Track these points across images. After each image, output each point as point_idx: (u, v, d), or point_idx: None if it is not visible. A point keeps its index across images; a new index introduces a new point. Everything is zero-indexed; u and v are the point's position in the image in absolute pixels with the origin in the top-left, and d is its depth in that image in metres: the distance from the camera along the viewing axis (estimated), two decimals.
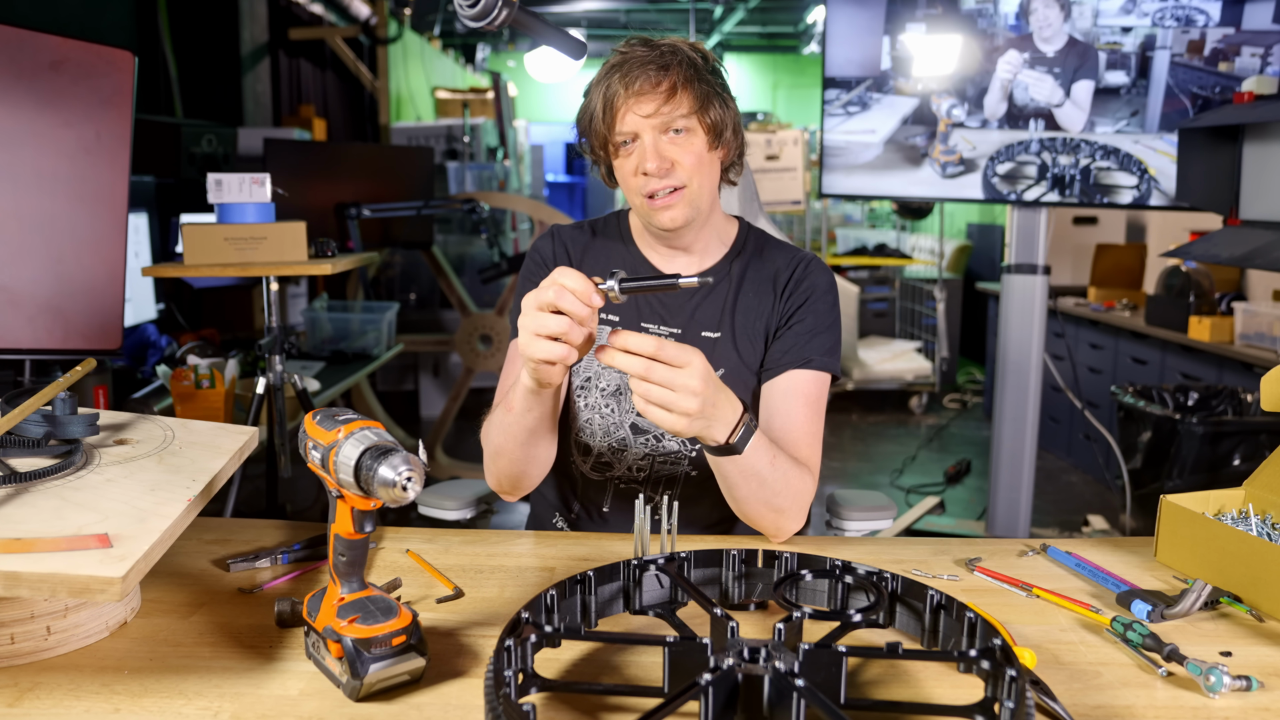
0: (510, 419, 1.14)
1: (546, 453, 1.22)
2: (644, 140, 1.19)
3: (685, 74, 1.19)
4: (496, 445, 1.20)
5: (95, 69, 1.21)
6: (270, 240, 2.04)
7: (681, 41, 1.22)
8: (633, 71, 1.18)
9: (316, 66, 5.67)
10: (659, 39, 1.22)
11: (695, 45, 1.23)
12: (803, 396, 1.24)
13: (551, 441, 1.22)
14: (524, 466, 1.21)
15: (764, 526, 1.18)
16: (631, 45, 1.21)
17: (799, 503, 1.17)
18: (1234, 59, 2.43)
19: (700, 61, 1.21)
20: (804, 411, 1.24)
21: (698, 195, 1.22)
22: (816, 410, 1.26)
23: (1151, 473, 3.20)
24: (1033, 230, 2.81)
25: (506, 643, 0.77)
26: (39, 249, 1.18)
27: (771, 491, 1.13)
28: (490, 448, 1.22)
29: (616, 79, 1.18)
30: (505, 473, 1.22)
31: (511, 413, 1.13)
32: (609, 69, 1.21)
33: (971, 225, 7.08)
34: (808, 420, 1.24)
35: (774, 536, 1.20)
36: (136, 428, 1.11)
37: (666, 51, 1.19)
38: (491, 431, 1.21)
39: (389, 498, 0.78)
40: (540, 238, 1.37)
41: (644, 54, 1.19)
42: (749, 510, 1.16)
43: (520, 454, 1.19)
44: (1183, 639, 0.94)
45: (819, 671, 0.77)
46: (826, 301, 1.30)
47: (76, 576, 0.77)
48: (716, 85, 1.22)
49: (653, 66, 1.18)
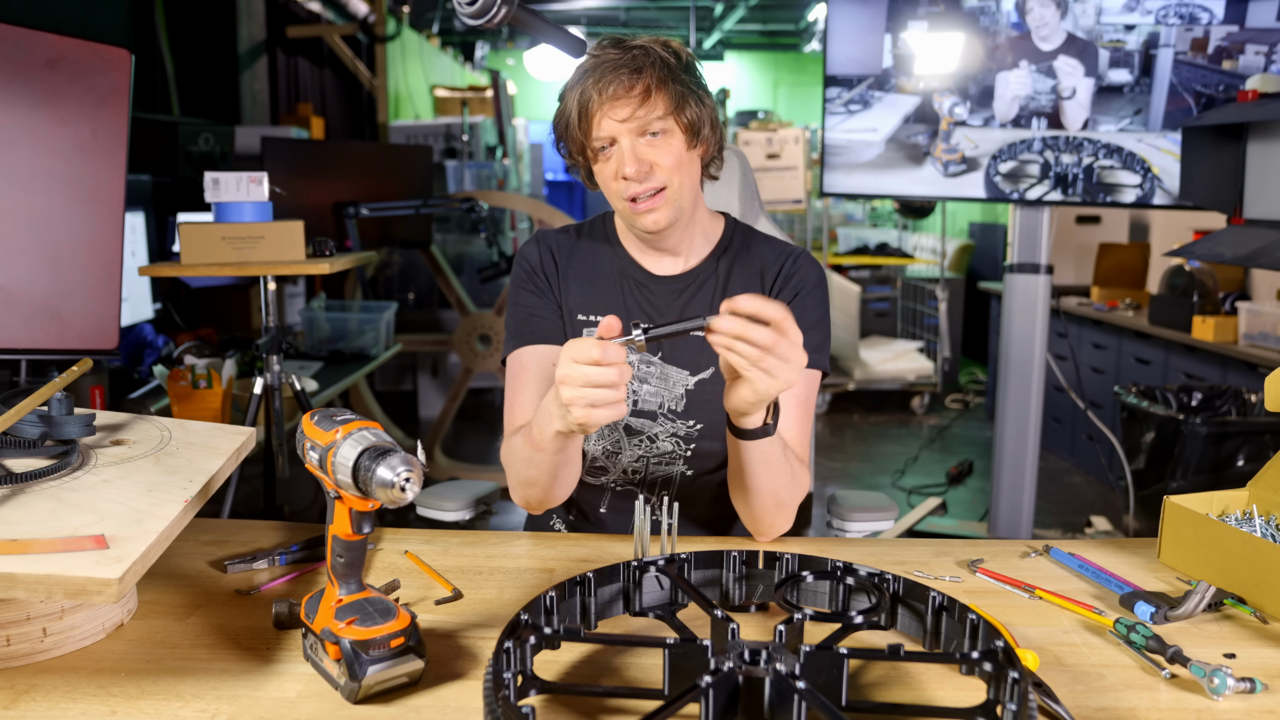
0: (540, 457, 1.12)
1: (575, 474, 1.21)
2: (621, 144, 1.18)
3: (659, 75, 1.17)
4: (525, 477, 1.18)
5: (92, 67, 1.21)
6: (268, 239, 2.03)
7: (653, 41, 1.21)
8: (605, 76, 1.16)
9: (314, 64, 5.66)
10: (630, 39, 1.21)
11: (668, 43, 1.21)
12: (794, 396, 1.24)
13: (579, 465, 1.20)
14: (554, 492, 1.20)
15: (764, 522, 1.18)
16: (604, 48, 1.19)
17: (796, 500, 1.18)
18: (1238, 57, 2.42)
19: (674, 61, 1.20)
20: (795, 412, 1.24)
21: (679, 195, 1.22)
22: (806, 410, 1.26)
23: (1155, 473, 3.19)
24: (1035, 229, 2.80)
25: (505, 644, 0.77)
26: (35, 248, 1.17)
27: (783, 484, 1.13)
28: (517, 476, 1.20)
29: (590, 84, 1.17)
30: (535, 498, 1.21)
31: (543, 452, 1.11)
32: (581, 73, 1.19)
33: (974, 224, 7.08)
34: (799, 421, 1.24)
35: (767, 534, 1.20)
36: (133, 428, 1.10)
37: (639, 54, 1.18)
38: (516, 464, 1.19)
39: (387, 499, 0.78)
40: (526, 244, 1.36)
41: (616, 57, 1.17)
42: (758, 502, 1.15)
43: (551, 484, 1.18)
44: (1186, 641, 0.94)
45: (820, 673, 0.77)
46: (815, 297, 1.30)
47: (73, 578, 0.76)
48: (691, 83, 1.21)
49: (625, 70, 1.16)
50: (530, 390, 1.25)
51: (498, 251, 3.53)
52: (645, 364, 1.30)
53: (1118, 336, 4.08)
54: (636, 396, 1.30)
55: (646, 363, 1.30)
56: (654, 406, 1.29)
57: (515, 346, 1.29)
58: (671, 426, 1.29)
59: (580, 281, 1.32)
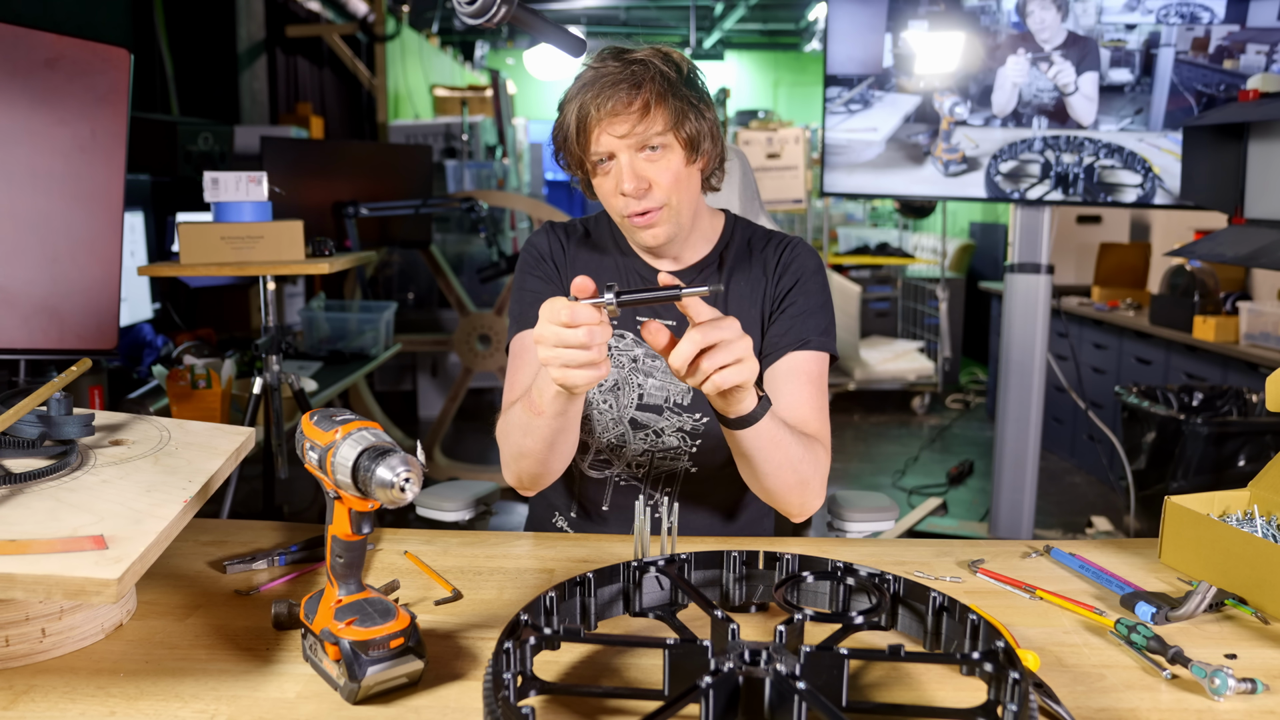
0: (539, 422, 1.11)
1: (571, 447, 1.20)
2: (620, 160, 1.18)
3: (658, 90, 1.16)
4: (520, 447, 1.17)
5: (91, 66, 1.21)
6: (267, 239, 2.03)
7: (653, 53, 1.19)
8: (604, 91, 1.15)
9: (314, 64, 5.66)
10: (631, 51, 1.19)
11: (668, 55, 1.20)
12: (805, 375, 1.24)
13: (576, 436, 1.20)
14: (549, 465, 1.19)
15: (790, 501, 1.18)
16: (603, 60, 1.18)
17: (820, 473, 1.17)
18: (1239, 56, 2.42)
19: (673, 74, 1.18)
20: (808, 389, 1.24)
21: (677, 212, 1.22)
22: (820, 388, 1.26)
23: (1156, 474, 3.19)
24: (1036, 229, 2.80)
25: (505, 645, 0.77)
26: (34, 248, 1.17)
27: (797, 457, 1.12)
28: (511, 449, 1.19)
29: (589, 98, 1.16)
30: (528, 472, 1.20)
31: (541, 416, 1.10)
32: (581, 86, 1.18)
33: (974, 224, 7.07)
34: (813, 397, 1.24)
35: (798, 513, 1.20)
36: (132, 428, 1.10)
37: (638, 69, 1.16)
38: (512, 434, 1.18)
39: (387, 499, 0.78)
40: (535, 233, 1.37)
41: (615, 70, 1.16)
42: (777, 484, 1.14)
43: (547, 454, 1.17)
44: (1187, 641, 0.93)
45: (820, 674, 0.77)
46: (817, 282, 1.30)
47: (72, 578, 0.76)
48: (691, 97, 1.19)
49: (624, 85, 1.15)
50: (530, 371, 1.25)
51: (497, 251, 3.52)
52: (650, 358, 1.30)
53: (1118, 336, 4.07)
54: (642, 390, 1.30)
55: (652, 356, 1.30)
56: (660, 400, 1.30)
57: (519, 329, 1.30)
58: (678, 420, 1.30)
59: (585, 273, 1.32)
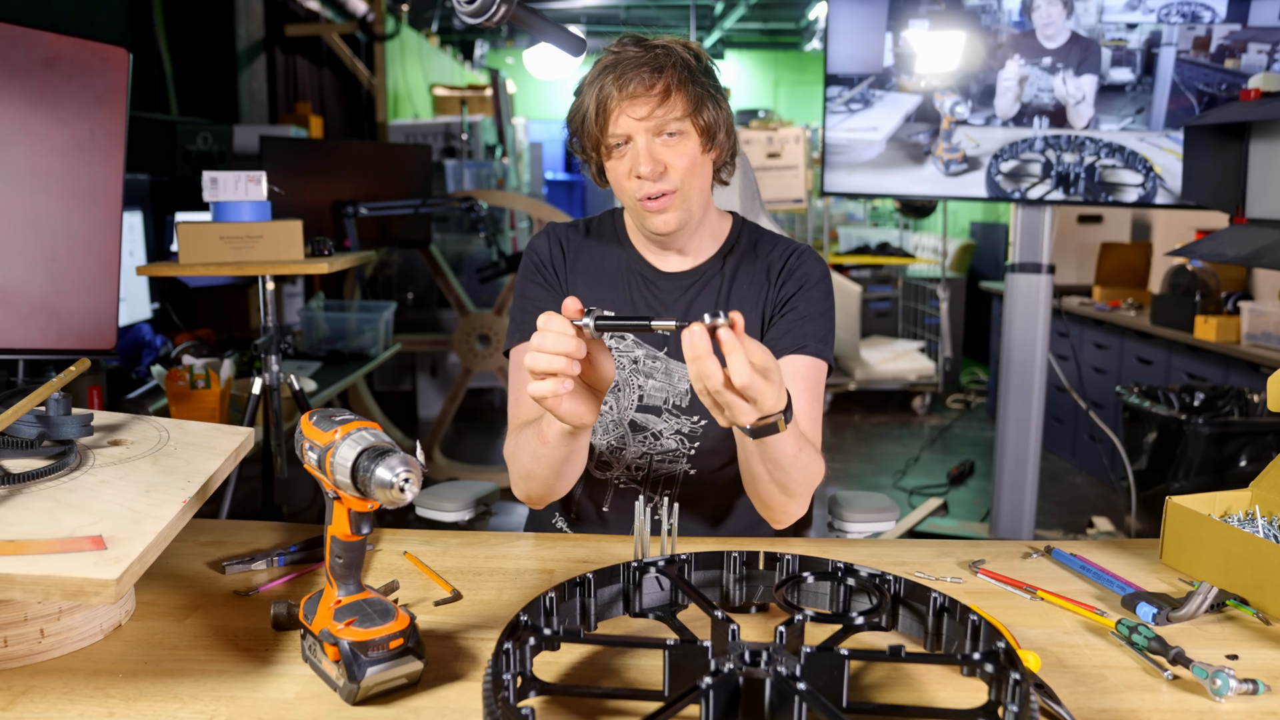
0: (545, 451, 1.12)
1: (578, 470, 1.20)
2: (637, 143, 1.18)
3: (679, 76, 1.17)
4: (528, 470, 1.17)
5: (89, 66, 1.20)
6: (266, 239, 2.03)
7: (675, 42, 1.21)
8: (626, 73, 1.16)
9: (313, 63, 5.65)
10: (652, 38, 1.21)
11: (689, 45, 1.22)
12: (802, 380, 1.24)
13: (584, 460, 1.19)
14: (556, 487, 1.20)
15: (773, 508, 1.18)
16: (624, 45, 1.19)
17: (810, 487, 1.17)
18: (1240, 55, 2.42)
19: (694, 63, 1.20)
20: (804, 396, 1.23)
21: (690, 199, 1.22)
22: (815, 395, 1.26)
23: (1157, 474, 3.19)
24: (1037, 229, 2.80)
25: (505, 646, 0.76)
26: (32, 248, 1.17)
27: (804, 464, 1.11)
28: (520, 470, 1.20)
29: (610, 80, 1.17)
30: (537, 492, 1.21)
31: (547, 445, 1.11)
32: (601, 69, 1.19)
33: (975, 224, 7.07)
34: (809, 405, 1.24)
35: (782, 519, 1.20)
36: (131, 428, 1.10)
37: (660, 53, 1.18)
38: (521, 456, 1.18)
39: (386, 499, 0.78)
40: (536, 236, 1.37)
41: (637, 55, 1.17)
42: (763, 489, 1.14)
43: (554, 479, 1.17)
44: (1188, 642, 0.93)
45: (821, 675, 0.76)
46: (820, 291, 1.30)
47: (70, 579, 0.76)
48: (710, 87, 1.21)
49: (647, 68, 1.16)
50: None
51: (497, 251, 3.52)
52: (651, 359, 1.30)
53: (1120, 336, 4.07)
54: (642, 391, 1.30)
55: (652, 358, 1.30)
56: (659, 402, 1.30)
57: (520, 340, 1.29)
58: (676, 423, 1.29)
59: (588, 276, 1.32)
